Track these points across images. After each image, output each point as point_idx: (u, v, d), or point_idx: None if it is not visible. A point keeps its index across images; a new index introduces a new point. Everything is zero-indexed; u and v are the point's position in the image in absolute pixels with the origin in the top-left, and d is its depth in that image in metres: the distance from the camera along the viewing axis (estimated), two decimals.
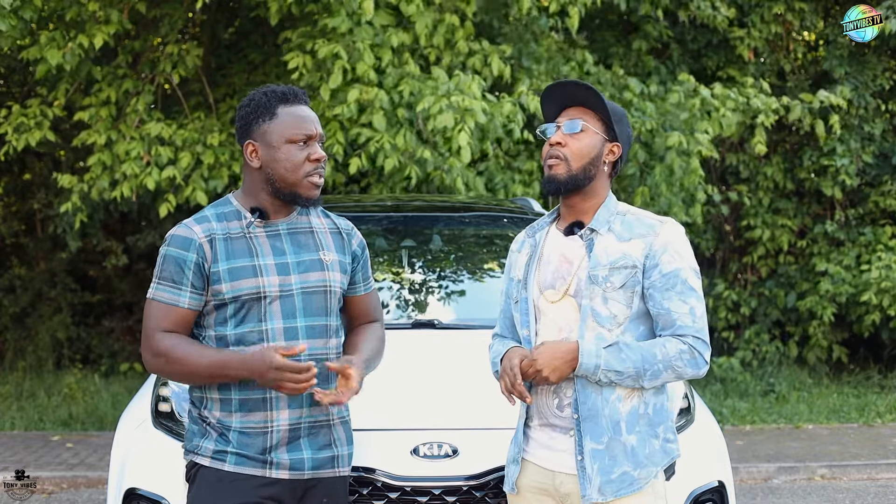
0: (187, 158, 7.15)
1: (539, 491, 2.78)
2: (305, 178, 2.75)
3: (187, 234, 2.75)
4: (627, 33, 9.96)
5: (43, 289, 10.53)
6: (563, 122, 2.76)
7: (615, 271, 2.68)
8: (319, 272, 2.80)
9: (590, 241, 2.74)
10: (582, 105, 2.77)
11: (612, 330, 2.68)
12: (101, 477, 6.64)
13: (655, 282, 2.68)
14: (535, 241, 2.85)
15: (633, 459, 2.66)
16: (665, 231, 2.72)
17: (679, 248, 2.72)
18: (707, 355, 2.70)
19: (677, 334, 2.67)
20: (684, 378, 2.71)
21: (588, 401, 2.67)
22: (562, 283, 2.74)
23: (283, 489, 2.74)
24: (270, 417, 2.73)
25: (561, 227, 2.82)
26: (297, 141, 2.74)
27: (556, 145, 2.73)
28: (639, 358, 2.63)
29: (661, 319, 2.69)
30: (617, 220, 2.76)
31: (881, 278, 9.33)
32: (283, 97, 2.77)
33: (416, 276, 4.73)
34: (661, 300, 2.67)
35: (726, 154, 10.39)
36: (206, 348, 2.72)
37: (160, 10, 7.87)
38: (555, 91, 2.82)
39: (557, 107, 2.81)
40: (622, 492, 2.65)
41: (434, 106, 6.56)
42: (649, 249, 2.69)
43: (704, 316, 2.72)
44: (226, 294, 2.72)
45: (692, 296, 2.69)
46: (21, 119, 7.59)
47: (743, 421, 8.52)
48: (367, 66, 6.71)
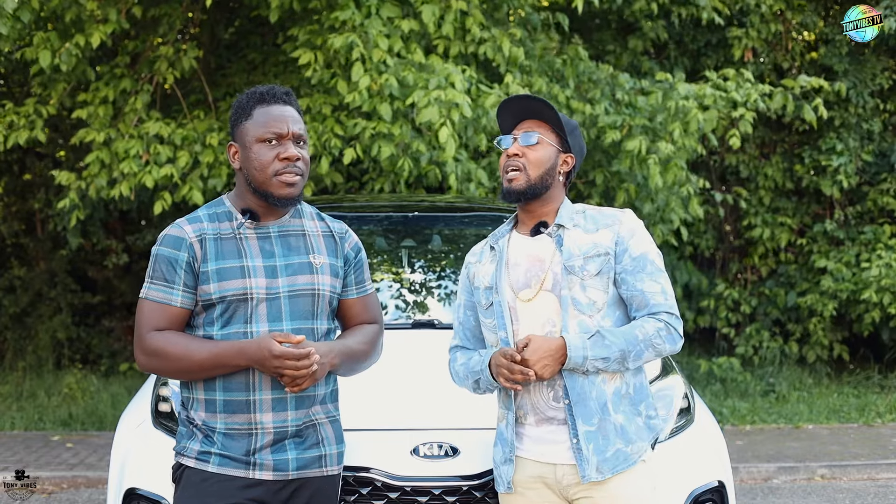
0: (185, 157, 7.15)
1: (540, 485, 2.86)
2: (275, 178, 2.74)
3: (178, 234, 2.76)
4: (625, 34, 9.97)
5: (43, 289, 10.52)
6: (518, 134, 2.92)
7: (589, 260, 2.85)
8: (308, 275, 2.80)
9: (558, 236, 2.90)
10: (536, 118, 2.94)
11: (593, 316, 2.83)
12: (101, 477, 6.64)
13: (626, 266, 2.85)
14: (500, 248, 2.97)
15: (623, 437, 2.81)
16: (627, 219, 2.92)
17: (643, 233, 2.91)
18: (681, 329, 2.87)
19: (652, 313, 2.83)
20: (663, 355, 2.86)
21: (576, 385, 2.80)
22: (536, 281, 2.87)
23: (268, 490, 2.73)
24: (255, 419, 2.73)
25: (523, 232, 2.97)
26: (266, 140, 2.74)
27: (513, 157, 2.90)
28: (621, 341, 2.78)
29: (636, 301, 2.85)
30: (578, 216, 2.94)
31: (881, 276, 9.34)
32: (261, 98, 2.79)
33: (415, 276, 4.73)
34: (634, 282, 2.84)
35: (725, 154, 10.41)
36: (202, 340, 2.72)
37: (159, 10, 7.86)
38: (511, 104, 2.98)
39: (514, 119, 2.97)
40: (618, 468, 2.79)
41: (422, 100, 6.56)
42: (617, 237, 2.87)
43: (673, 294, 2.89)
44: (213, 294, 2.72)
45: (661, 276, 2.87)
46: (12, 117, 7.57)
47: (743, 421, 8.52)
48: (383, 51, 6.71)
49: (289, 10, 7.35)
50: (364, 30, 6.76)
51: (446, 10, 7.05)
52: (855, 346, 10.65)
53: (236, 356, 2.67)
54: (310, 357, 2.63)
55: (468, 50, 7.34)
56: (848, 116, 10.04)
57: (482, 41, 7.34)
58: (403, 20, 6.96)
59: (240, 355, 2.66)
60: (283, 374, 2.64)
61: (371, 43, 6.73)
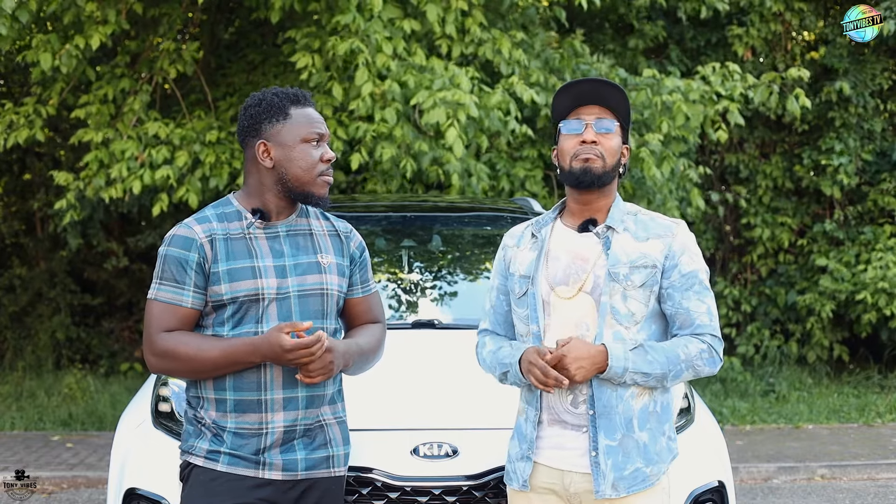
0: (183, 157, 7.16)
1: (546, 491, 2.78)
2: (319, 177, 2.78)
3: (188, 234, 2.75)
4: (625, 34, 9.96)
5: (43, 289, 10.52)
6: (591, 120, 2.75)
7: (635, 270, 2.71)
8: (317, 275, 2.80)
9: (606, 238, 2.75)
10: (602, 104, 2.77)
11: (630, 328, 2.70)
12: (101, 477, 6.63)
13: (675, 282, 2.73)
14: (542, 237, 2.84)
15: (644, 456, 2.70)
16: (681, 232, 2.78)
17: (695, 250, 2.78)
18: (721, 353, 2.76)
19: (696, 333, 2.72)
20: (701, 376, 2.76)
21: (603, 397, 2.68)
22: (576, 280, 2.73)
23: (277, 490, 2.73)
24: (265, 419, 2.73)
25: (570, 224, 2.82)
26: (312, 140, 2.78)
27: (591, 143, 2.73)
28: (664, 359, 2.67)
29: (679, 319, 2.73)
30: (629, 219, 2.79)
31: (877, 278, 9.34)
32: (294, 99, 2.81)
33: (415, 276, 4.73)
34: (681, 300, 2.72)
35: (725, 154, 10.40)
36: (213, 339, 2.72)
37: (159, 10, 7.86)
38: (575, 87, 2.80)
39: (573, 102, 2.78)
40: (634, 488, 2.68)
41: (427, 101, 6.56)
42: (668, 250, 2.74)
43: (717, 316, 2.78)
44: (224, 295, 2.72)
45: (708, 296, 2.76)
46: (11, 117, 7.57)
47: (743, 421, 8.52)
48: (387, 56, 6.70)
49: (290, 10, 7.34)
50: (366, 33, 6.75)
51: (447, 9, 7.04)
52: (855, 345, 10.65)
53: (249, 354, 2.67)
54: (320, 340, 2.63)
55: (468, 50, 7.34)
56: (848, 116, 10.03)
57: (481, 42, 7.34)
58: (405, 20, 6.95)
59: (253, 353, 2.66)
60: (300, 364, 2.65)
61: (374, 48, 6.72)
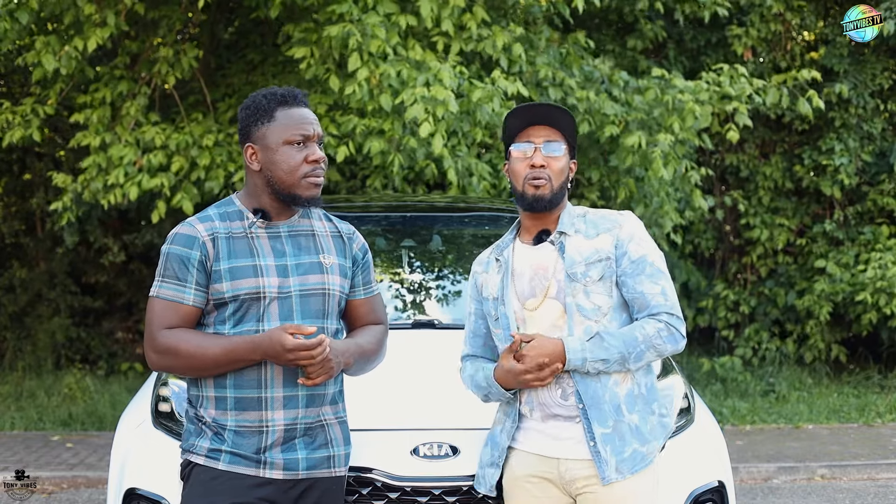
0: (179, 163, 7.17)
1: (540, 479, 2.89)
2: (303, 179, 2.77)
3: (191, 232, 2.76)
4: (624, 34, 9.96)
5: (42, 289, 10.52)
6: (540, 143, 2.89)
7: (591, 266, 2.86)
8: (318, 275, 2.81)
9: (560, 244, 2.91)
10: (550, 125, 2.91)
11: (599, 320, 2.85)
12: (101, 477, 6.63)
13: (626, 269, 2.87)
14: (504, 259, 2.98)
15: (638, 437, 2.84)
16: (627, 222, 2.93)
17: (642, 236, 2.93)
18: (683, 330, 2.87)
19: (652, 314, 2.84)
20: (665, 355, 2.87)
21: (589, 389, 2.82)
22: (541, 290, 2.89)
23: (277, 489, 2.74)
24: (266, 417, 2.73)
25: (527, 241, 2.97)
26: (294, 142, 2.77)
27: (540, 167, 2.87)
28: (620, 343, 2.80)
29: (637, 303, 2.87)
30: (579, 220, 2.95)
31: (876, 278, 9.34)
32: (282, 99, 2.79)
33: (415, 276, 4.73)
34: (634, 285, 2.86)
35: (725, 154, 10.40)
36: (214, 336, 2.72)
37: (158, 12, 7.86)
38: (533, 108, 2.93)
39: (522, 123, 2.93)
40: (636, 468, 2.82)
41: (409, 98, 6.56)
42: (617, 240, 2.89)
43: (675, 295, 2.91)
44: (226, 293, 2.73)
45: (661, 277, 2.88)
46: (7, 115, 7.57)
47: (743, 421, 8.52)
48: (381, 41, 6.69)
49: (289, 6, 7.34)
50: (362, 24, 6.75)
51: (444, 5, 7.03)
52: (854, 345, 10.65)
53: (250, 351, 2.68)
54: (322, 344, 2.64)
55: (468, 47, 7.33)
56: (848, 117, 10.03)
57: (480, 38, 7.33)
58: (401, 15, 6.95)
59: (254, 350, 2.67)
60: (300, 365, 2.65)
61: (368, 34, 6.71)
